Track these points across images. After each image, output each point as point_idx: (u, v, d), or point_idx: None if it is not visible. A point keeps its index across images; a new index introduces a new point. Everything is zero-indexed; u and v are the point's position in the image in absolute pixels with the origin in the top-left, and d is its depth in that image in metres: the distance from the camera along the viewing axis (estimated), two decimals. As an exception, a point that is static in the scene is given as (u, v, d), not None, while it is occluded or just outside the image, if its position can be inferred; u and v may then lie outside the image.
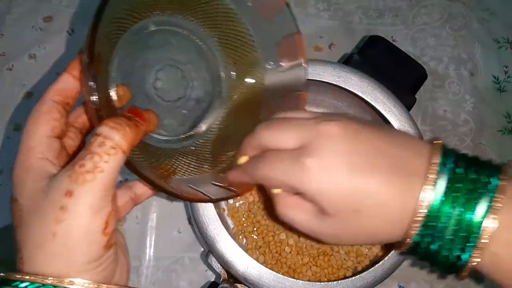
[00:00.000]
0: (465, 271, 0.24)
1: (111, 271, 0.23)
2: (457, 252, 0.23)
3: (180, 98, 0.33)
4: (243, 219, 0.41)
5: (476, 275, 0.25)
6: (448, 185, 0.23)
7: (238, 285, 0.36)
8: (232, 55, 0.34)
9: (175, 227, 0.45)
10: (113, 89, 0.28)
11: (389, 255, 0.35)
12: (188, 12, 0.32)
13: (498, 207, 0.22)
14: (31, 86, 0.49)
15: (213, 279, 0.43)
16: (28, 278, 0.20)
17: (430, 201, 0.23)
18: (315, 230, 0.27)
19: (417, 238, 0.24)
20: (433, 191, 0.23)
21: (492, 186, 0.23)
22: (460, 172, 0.23)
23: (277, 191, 0.27)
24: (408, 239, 0.24)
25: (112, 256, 0.23)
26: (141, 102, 0.31)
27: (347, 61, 0.42)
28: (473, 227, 0.23)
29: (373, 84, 0.38)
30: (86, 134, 0.29)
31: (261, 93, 0.34)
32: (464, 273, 0.24)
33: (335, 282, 0.34)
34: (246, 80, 0.34)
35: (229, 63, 0.34)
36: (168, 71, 0.32)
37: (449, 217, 0.23)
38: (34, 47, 0.51)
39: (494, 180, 0.23)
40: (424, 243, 0.24)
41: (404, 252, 0.26)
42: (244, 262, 0.34)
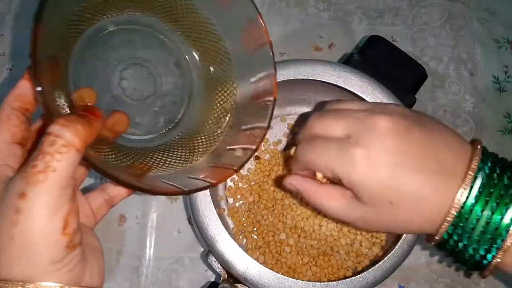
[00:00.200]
0: (488, 270, 0.25)
1: (79, 273, 0.23)
2: (482, 251, 0.25)
3: (150, 95, 0.33)
4: (243, 219, 0.41)
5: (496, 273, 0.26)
6: (481, 189, 0.25)
7: (238, 285, 0.36)
8: (198, 47, 0.34)
9: (175, 227, 0.45)
10: (75, 92, 0.28)
11: (389, 255, 0.35)
12: (147, 9, 0.32)
13: None
14: (31, 86, 0.49)
15: (213, 279, 0.43)
16: None
17: (463, 202, 0.25)
18: (348, 215, 0.29)
19: (446, 235, 0.26)
20: (467, 193, 0.25)
21: None
22: (495, 177, 0.25)
23: (319, 175, 0.29)
24: (438, 235, 0.26)
25: (77, 256, 0.22)
26: (108, 103, 0.31)
27: (347, 61, 0.42)
28: (501, 229, 0.24)
29: (373, 84, 0.38)
30: None
31: (231, 80, 0.34)
32: (488, 272, 0.26)
33: (335, 282, 0.34)
34: (215, 69, 0.34)
35: (196, 55, 0.34)
36: (133, 69, 0.32)
37: (478, 218, 0.25)
38: (34, 47, 0.51)
39: None
40: (452, 241, 0.26)
41: (433, 246, 0.27)
42: (244, 262, 0.34)
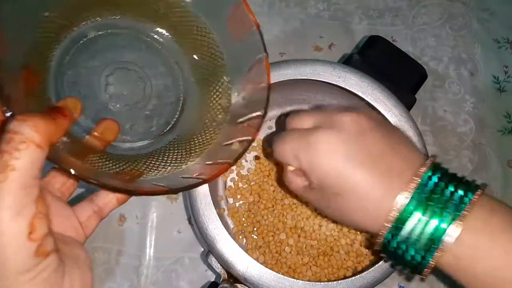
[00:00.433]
0: (427, 270, 0.27)
1: (56, 283, 0.21)
2: (421, 253, 0.26)
3: (140, 100, 0.32)
4: (243, 219, 0.41)
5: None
6: (424, 195, 0.26)
7: (238, 285, 0.36)
8: (186, 43, 0.33)
9: (175, 227, 0.45)
10: (58, 103, 0.27)
11: (389, 255, 0.35)
12: (128, 11, 0.31)
13: (464, 216, 0.25)
14: (31, 86, 0.49)
15: (213, 279, 0.43)
16: None
17: (404, 205, 0.26)
18: (305, 197, 0.31)
19: (388, 236, 0.27)
20: (409, 197, 0.26)
21: (464, 200, 0.25)
22: (440, 186, 0.26)
23: (290, 168, 0.31)
24: (380, 236, 0.27)
25: (52, 265, 0.20)
26: (96, 111, 0.30)
27: (347, 61, 0.42)
28: (438, 232, 0.25)
29: (373, 84, 0.38)
30: None
31: (225, 73, 0.33)
32: (426, 273, 0.27)
33: (335, 282, 0.34)
34: (207, 65, 0.33)
35: (185, 52, 0.33)
36: (120, 74, 0.31)
37: (418, 221, 0.26)
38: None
39: (468, 195, 0.26)
40: (393, 243, 0.27)
41: (378, 250, 0.29)
42: (244, 262, 0.34)
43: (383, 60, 0.43)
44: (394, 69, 0.42)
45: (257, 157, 0.43)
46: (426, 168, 0.27)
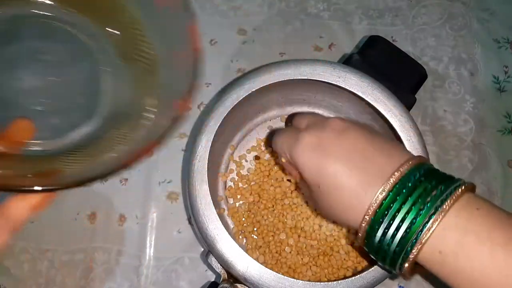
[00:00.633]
0: (407, 265, 0.26)
1: None
2: (400, 246, 0.26)
3: (55, 93, 0.29)
4: (243, 219, 0.41)
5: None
6: (405, 190, 0.26)
7: (238, 285, 0.36)
8: (103, 20, 0.30)
9: (175, 227, 0.45)
10: None
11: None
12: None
13: (444, 210, 0.25)
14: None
15: (213, 279, 0.43)
16: None
17: (384, 198, 0.26)
18: (302, 189, 0.34)
19: (368, 229, 0.27)
20: (387, 192, 0.26)
21: (444, 195, 0.25)
22: (422, 182, 0.26)
23: (283, 159, 0.33)
24: (360, 230, 0.28)
25: None
26: (5, 109, 0.27)
27: (347, 61, 0.42)
28: (416, 225, 0.25)
29: (373, 84, 0.38)
30: None
31: (151, 48, 0.30)
32: (407, 269, 0.26)
33: (335, 282, 0.34)
34: (130, 43, 0.30)
35: (104, 31, 0.30)
36: (31, 66, 0.28)
37: (397, 215, 0.26)
38: (34, 47, 0.51)
39: (450, 190, 0.25)
40: (373, 236, 0.27)
41: (360, 244, 0.29)
42: (244, 262, 0.34)
43: (383, 60, 0.43)
44: (394, 69, 0.42)
45: (257, 157, 0.43)
46: (409, 164, 0.27)
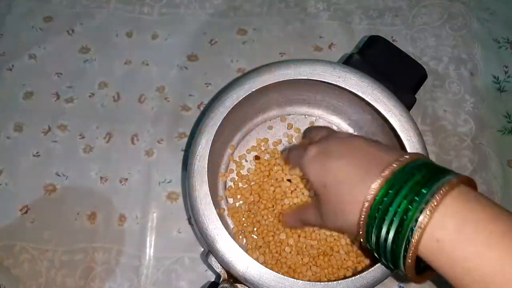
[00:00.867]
0: (410, 260, 0.26)
1: None
2: (398, 241, 0.26)
3: None
4: (243, 219, 0.41)
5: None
6: (402, 179, 0.26)
7: (238, 285, 0.36)
8: None
9: (175, 227, 0.45)
10: None
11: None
12: None
13: (438, 199, 0.25)
14: (31, 86, 0.49)
15: (213, 279, 0.43)
16: None
17: (380, 187, 0.27)
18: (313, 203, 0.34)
19: (366, 225, 0.27)
20: (385, 181, 0.27)
21: (438, 185, 0.25)
22: (420, 171, 0.26)
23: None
24: (361, 224, 0.28)
25: None
26: None
27: (347, 61, 0.42)
28: (411, 216, 0.25)
29: (373, 84, 0.38)
30: None
31: None
32: (410, 263, 0.26)
33: (335, 282, 0.34)
34: None
35: None
36: None
37: (391, 203, 0.26)
38: (34, 47, 0.51)
39: (446, 179, 0.25)
40: (373, 228, 0.27)
41: (363, 243, 0.29)
42: (244, 262, 0.34)
43: (383, 60, 0.43)
44: (394, 69, 0.42)
45: (257, 157, 0.43)
46: (404, 159, 0.27)
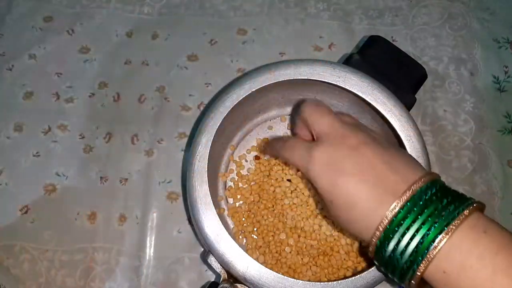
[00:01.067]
0: (414, 281, 0.27)
1: None
2: (408, 262, 0.27)
3: None
4: (243, 219, 0.41)
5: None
6: (416, 207, 0.27)
7: (238, 285, 0.36)
8: None
9: (175, 227, 0.45)
10: None
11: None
12: None
13: (452, 230, 0.26)
14: (31, 86, 0.49)
15: (213, 279, 0.43)
16: None
17: (394, 216, 0.27)
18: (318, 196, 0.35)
19: (378, 243, 0.28)
20: (399, 207, 0.27)
21: (454, 214, 0.26)
22: (434, 200, 0.27)
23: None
24: (372, 245, 0.29)
25: None
26: None
27: (347, 61, 0.42)
28: (426, 242, 0.26)
29: (373, 84, 0.38)
30: None
31: None
32: (414, 284, 0.27)
33: (335, 282, 0.34)
34: None
35: None
36: None
37: (407, 231, 0.27)
38: (34, 47, 0.51)
39: (460, 209, 0.26)
40: (383, 250, 0.28)
41: (371, 255, 0.30)
42: (244, 262, 0.34)
43: (383, 60, 0.43)
44: (394, 69, 0.42)
45: (257, 157, 0.43)
46: (422, 182, 0.28)
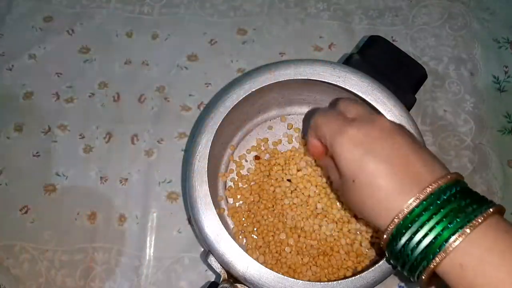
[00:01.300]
0: (426, 274, 0.27)
1: None
2: (422, 255, 0.27)
3: None
4: (243, 219, 0.41)
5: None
6: (438, 202, 0.27)
7: (238, 285, 0.36)
8: None
9: (175, 227, 0.45)
10: None
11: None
12: None
13: (471, 228, 0.26)
14: (31, 86, 0.49)
15: (213, 279, 0.43)
16: None
17: (416, 206, 0.27)
18: (335, 180, 0.34)
19: (394, 232, 0.28)
20: (422, 201, 0.27)
21: (475, 213, 0.26)
22: (456, 198, 0.27)
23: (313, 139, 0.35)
24: (386, 233, 0.28)
25: None
26: None
27: (347, 61, 0.42)
28: (442, 238, 0.26)
29: (373, 84, 0.38)
30: None
31: None
32: (425, 277, 0.27)
33: (335, 282, 0.34)
34: None
35: None
36: None
37: (425, 224, 0.26)
38: (34, 47, 0.51)
39: (480, 209, 0.26)
40: (398, 240, 0.28)
41: (383, 246, 0.30)
42: (244, 262, 0.34)
43: (383, 60, 0.43)
44: (394, 69, 0.42)
45: (257, 157, 0.43)
46: (446, 179, 0.28)
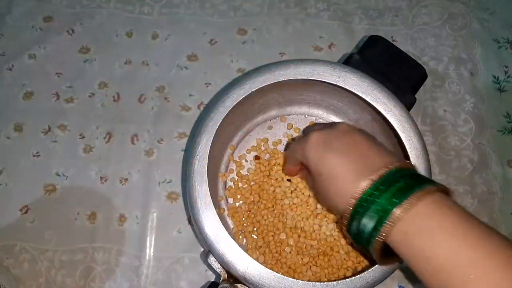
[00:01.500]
0: (377, 243, 0.30)
1: None
2: (372, 224, 0.30)
3: None
4: (243, 219, 0.41)
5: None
6: (387, 182, 0.30)
7: (238, 285, 0.36)
8: None
9: (175, 227, 0.45)
10: None
11: (389, 255, 0.35)
12: None
13: (412, 202, 0.29)
14: (31, 86, 0.49)
15: (213, 279, 0.43)
16: None
17: (367, 188, 0.30)
18: (310, 184, 0.41)
19: (352, 213, 0.31)
20: (372, 183, 0.30)
21: (417, 188, 0.29)
22: (402, 179, 0.30)
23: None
24: (346, 214, 0.31)
25: None
26: None
27: (347, 61, 0.42)
28: (389, 209, 0.29)
29: (373, 84, 0.38)
30: None
31: None
32: (377, 246, 0.30)
33: (335, 282, 0.34)
34: None
35: None
36: None
37: (376, 200, 0.30)
38: (34, 47, 0.51)
39: (422, 186, 0.29)
40: (355, 219, 0.31)
41: (345, 229, 0.32)
42: (244, 262, 0.34)
43: (383, 60, 0.43)
44: (394, 69, 0.42)
45: (257, 157, 0.43)
46: (396, 164, 0.31)
